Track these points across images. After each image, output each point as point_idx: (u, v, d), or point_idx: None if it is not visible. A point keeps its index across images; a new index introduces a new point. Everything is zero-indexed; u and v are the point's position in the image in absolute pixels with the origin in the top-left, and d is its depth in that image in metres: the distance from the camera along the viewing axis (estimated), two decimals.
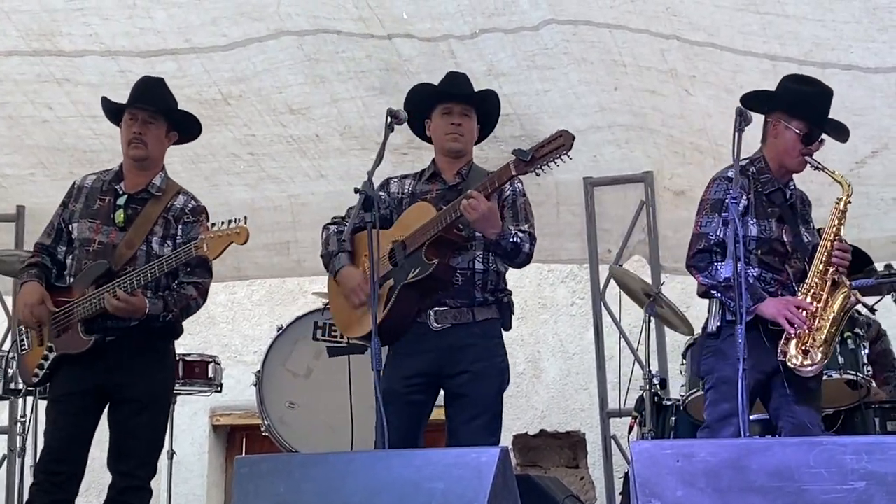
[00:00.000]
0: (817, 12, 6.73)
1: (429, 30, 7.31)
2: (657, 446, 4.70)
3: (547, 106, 7.85)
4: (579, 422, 10.21)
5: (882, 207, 8.28)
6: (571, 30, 7.28)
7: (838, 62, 7.01)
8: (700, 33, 6.99)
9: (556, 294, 10.77)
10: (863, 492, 3.98)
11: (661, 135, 8.28)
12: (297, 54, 7.68)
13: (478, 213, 5.54)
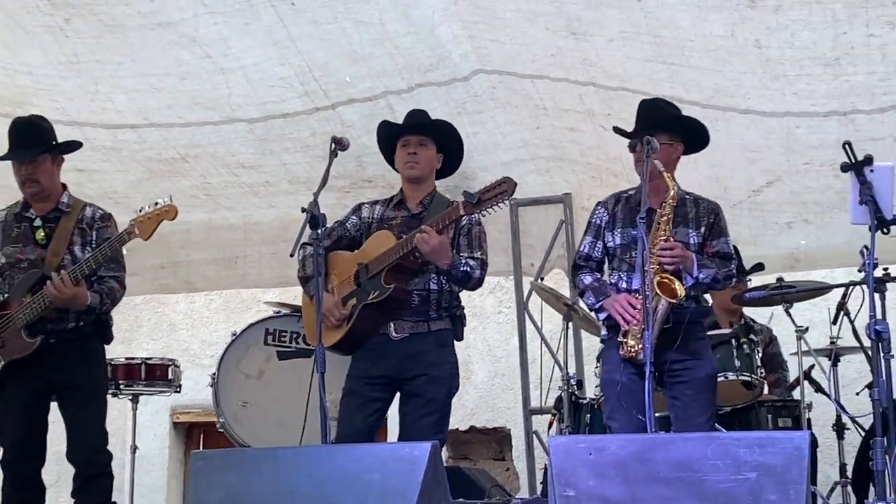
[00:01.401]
0: (718, 64, 6.87)
1: (369, 89, 7.41)
2: (572, 441, 4.80)
3: (477, 145, 7.92)
4: (505, 419, 10.22)
5: (776, 229, 8.43)
6: (498, 79, 7.41)
7: (737, 107, 7.16)
8: (614, 80, 7.09)
9: (484, 304, 10.75)
10: (755, 481, 4.07)
11: (579, 163, 8.37)
12: (248, 136, 7.89)
13: (429, 247, 5.71)
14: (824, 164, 7.50)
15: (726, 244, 6.03)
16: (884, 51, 6.63)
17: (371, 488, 4.20)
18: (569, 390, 7.58)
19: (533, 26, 6.90)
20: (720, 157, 7.59)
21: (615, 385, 5.80)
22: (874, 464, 5.05)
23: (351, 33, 6.98)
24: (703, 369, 5.79)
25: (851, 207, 5.39)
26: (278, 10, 6.73)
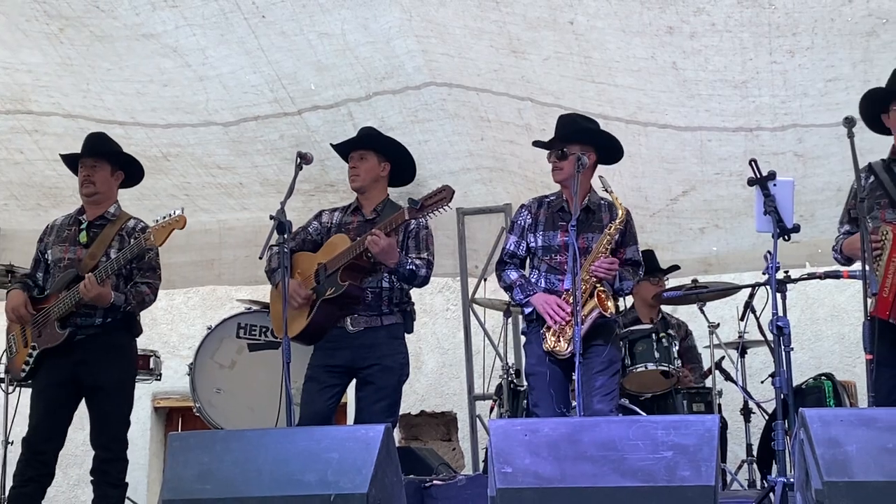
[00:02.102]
0: (640, 83, 6.92)
1: (332, 97, 7.38)
2: (510, 423, 4.76)
3: (427, 153, 7.91)
4: (452, 404, 10.23)
5: (690, 235, 8.46)
6: (447, 91, 7.40)
7: (657, 122, 7.20)
8: (549, 97, 7.11)
9: (434, 301, 10.80)
10: (670, 459, 4.07)
11: (517, 175, 8.36)
12: (223, 138, 7.84)
13: (379, 248, 5.72)
14: (733, 174, 7.56)
15: (636, 251, 6.03)
16: (785, 76, 6.71)
17: (330, 466, 4.18)
18: (508, 379, 7.63)
19: (479, 42, 6.91)
20: (642, 169, 7.64)
21: (539, 376, 5.84)
22: (776, 444, 5.10)
23: (316, 44, 6.94)
24: (602, 354, 5.75)
25: (757, 217, 5.41)
26: (250, 22, 6.71)
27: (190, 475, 4.25)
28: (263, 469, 4.21)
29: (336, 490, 4.09)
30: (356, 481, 4.11)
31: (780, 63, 6.65)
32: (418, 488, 5.95)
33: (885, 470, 3.93)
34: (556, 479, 4.12)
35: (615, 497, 4.07)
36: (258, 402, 7.37)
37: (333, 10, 6.69)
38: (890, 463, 3.95)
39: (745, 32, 6.44)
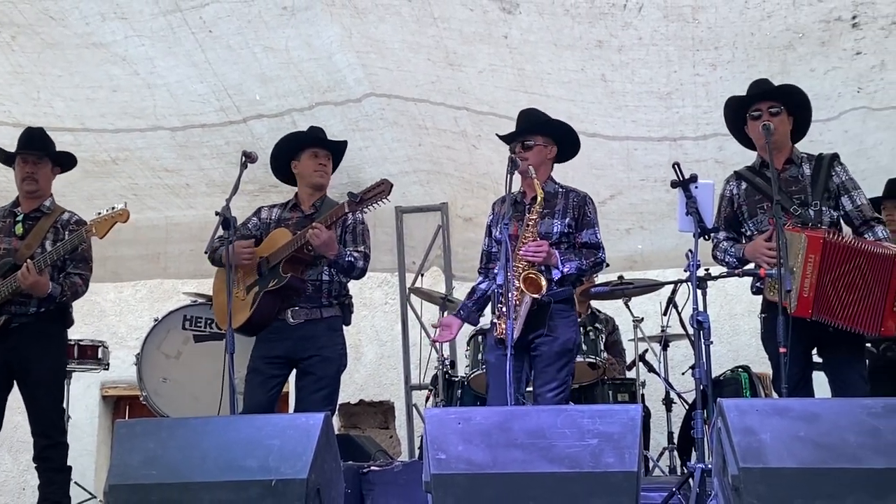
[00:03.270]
0: (570, 94, 6.96)
1: (276, 106, 7.35)
2: (444, 412, 4.75)
3: (367, 158, 7.91)
4: (390, 393, 10.21)
5: (617, 235, 8.48)
6: (386, 101, 7.40)
7: (586, 131, 7.15)
8: (484, 106, 7.12)
9: (373, 295, 10.78)
10: (596, 446, 4.06)
11: (454, 177, 8.37)
12: (171, 142, 7.77)
13: (319, 240, 5.72)
14: (657, 180, 7.61)
15: (594, 235, 5.90)
16: (707, 88, 6.77)
17: (272, 452, 4.14)
18: (443, 370, 7.62)
19: (416, 56, 6.90)
20: (572, 174, 7.58)
21: (489, 364, 5.85)
22: (695, 432, 5.13)
23: (261, 58, 6.92)
24: (554, 344, 5.69)
25: (679, 217, 5.45)
26: (197, 36, 6.67)
27: (136, 461, 4.19)
28: (207, 455, 4.16)
29: (277, 475, 4.06)
30: (296, 467, 4.08)
31: (702, 75, 6.71)
32: (356, 474, 5.91)
33: (797, 457, 3.96)
34: (488, 465, 4.10)
35: (543, 482, 4.06)
36: (203, 391, 7.33)
37: (278, 28, 6.68)
38: (801, 450, 3.97)
39: (670, 46, 6.48)
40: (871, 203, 6.79)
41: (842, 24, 6.24)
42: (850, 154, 6.93)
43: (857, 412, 4.08)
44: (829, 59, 6.53)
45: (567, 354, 5.74)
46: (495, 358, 5.67)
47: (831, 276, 5.30)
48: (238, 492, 4.07)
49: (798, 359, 5.38)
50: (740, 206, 5.76)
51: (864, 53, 6.48)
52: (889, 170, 7.31)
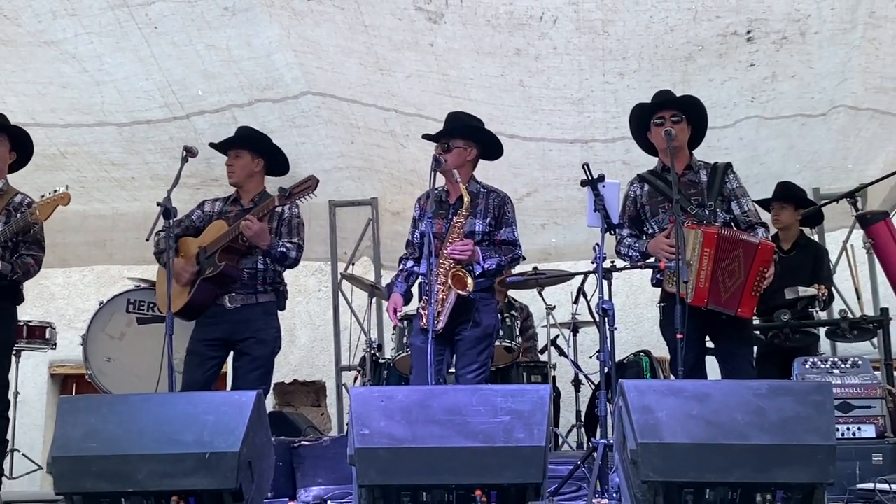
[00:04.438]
0: (491, 98, 6.99)
1: (217, 102, 7.26)
2: (369, 391, 4.75)
3: (303, 153, 7.83)
4: (322, 374, 10.20)
5: (533, 230, 8.54)
6: (322, 100, 7.34)
7: (505, 132, 7.19)
8: (412, 108, 7.10)
9: (308, 282, 10.77)
10: (508, 423, 4.08)
11: (383, 174, 8.36)
12: (118, 138, 7.65)
13: (252, 231, 5.72)
14: (570, 179, 7.64)
15: (511, 233, 5.92)
16: (615, 95, 6.83)
17: (206, 427, 4.11)
18: (371, 352, 7.59)
19: (349, 59, 6.88)
20: (492, 173, 7.59)
21: (416, 349, 5.83)
22: (599, 410, 5.17)
23: (203, 55, 6.84)
24: (476, 330, 5.73)
25: (588, 214, 5.49)
26: (143, 32, 6.57)
27: (77, 435, 4.14)
28: (145, 430, 4.12)
29: (211, 449, 4.04)
30: (229, 441, 4.06)
31: (611, 83, 6.77)
32: (288, 448, 5.91)
33: (690, 433, 4.01)
34: (408, 439, 4.11)
35: (458, 455, 4.07)
36: (145, 371, 7.25)
37: (220, 27, 6.62)
38: (694, 427, 4.03)
39: (583, 56, 6.53)
40: (762, 204, 6.98)
41: (737, 38, 6.34)
42: (744, 159, 7.07)
43: (744, 393, 4.15)
44: (725, 71, 6.62)
45: (487, 339, 5.79)
46: (420, 342, 5.68)
47: (721, 267, 5.42)
48: (174, 464, 4.04)
49: (693, 344, 5.48)
50: (643, 205, 5.84)
51: (757, 65, 6.59)
52: (779, 174, 7.45)
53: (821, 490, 4.01)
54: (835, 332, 6.92)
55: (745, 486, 3.97)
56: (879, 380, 5.55)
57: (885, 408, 5.27)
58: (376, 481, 4.08)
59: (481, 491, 4.03)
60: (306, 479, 5.78)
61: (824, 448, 3.98)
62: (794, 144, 7.51)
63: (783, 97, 6.96)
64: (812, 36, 6.34)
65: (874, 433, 5.17)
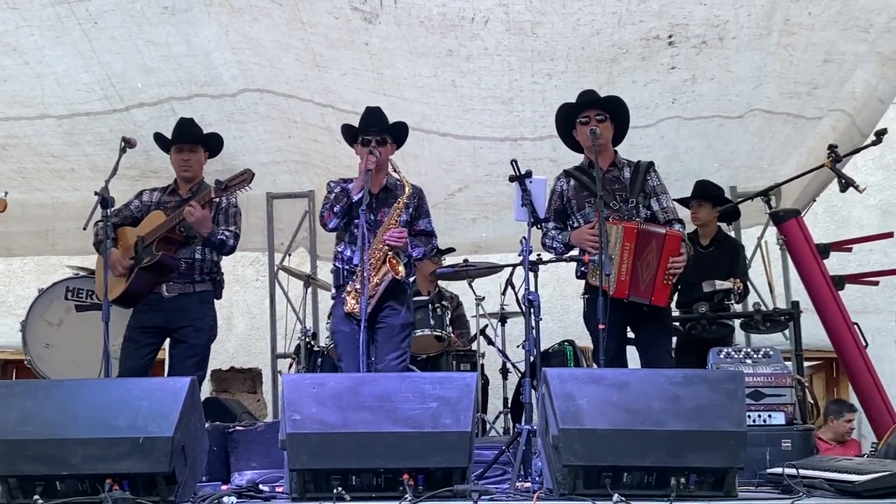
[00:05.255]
0: (424, 97, 6.97)
1: (156, 95, 7.13)
2: (301, 377, 4.72)
3: (241, 148, 7.75)
4: (258, 361, 10.08)
5: (464, 224, 8.57)
6: (259, 96, 7.25)
7: (438, 131, 7.25)
8: (347, 105, 7.01)
9: (245, 272, 10.71)
10: (435, 409, 4.11)
11: (320, 167, 8.28)
12: (57, 130, 7.49)
13: (194, 218, 5.72)
14: (500, 175, 7.63)
15: (429, 223, 6.00)
16: (544, 95, 6.85)
17: (140, 412, 4.07)
18: (305, 340, 7.54)
19: (286, 56, 6.81)
20: (425, 169, 7.66)
21: (342, 335, 5.78)
22: (524, 397, 5.20)
23: (143, 50, 6.72)
24: (398, 318, 5.76)
25: (515, 208, 5.52)
26: (84, 27, 6.44)
27: (13, 419, 4.07)
28: (80, 414, 4.07)
29: (145, 433, 4.00)
30: (163, 426, 4.02)
31: (540, 84, 6.79)
32: (222, 433, 5.84)
33: (609, 419, 4.06)
34: (339, 425, 4.11)
35: (387, 440, 4.08)
36: (82, 357, 7.14)
37: (159, 25, 6.52)
38: (613, 414, 4.07)
39: (512, 57, 6.54)
40: (682, 202, 7.06)
41: (659, 42, 6.39)
42: (665, 158, 7.13)
43: (661, 381, 4.20)
44: (648, 73, 6.67)
45: (409, 326, 5.88)
46: (348, 329, 5.67)
47: (640, 260, 5.50)
48: (108, 448, 4.00)
49: (615, 335, 5.54)
50: (569, 200, 5.89)
51: (678, 69, 6.65)
52: (698, 173, 7.53)
53: (732, 474, 4.08)
54: (749, 324, 7.02)
55: (661, 470, 4.03)
56: (790, 369, 5.64)
57: (794, 396, 5.35)
58: (307, 465, 4.08)
59: (409, 475, 4.04)
60: (240, 464, 5.72)
61: (736, 434, 4.05)
62: (712, 144, 7.59)
63: (702, 99, 7.03)
64: (730, 41, 6.41)
65: (784, 420, 5.25)
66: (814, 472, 4.36)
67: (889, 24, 6.35)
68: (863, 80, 6.90)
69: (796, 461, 4.62)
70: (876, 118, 7.05)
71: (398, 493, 4.00)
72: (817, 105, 7.12)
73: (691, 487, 4.02)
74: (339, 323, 5.82)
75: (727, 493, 4.05)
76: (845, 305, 6.44)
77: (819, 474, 4.31)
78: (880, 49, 6.60)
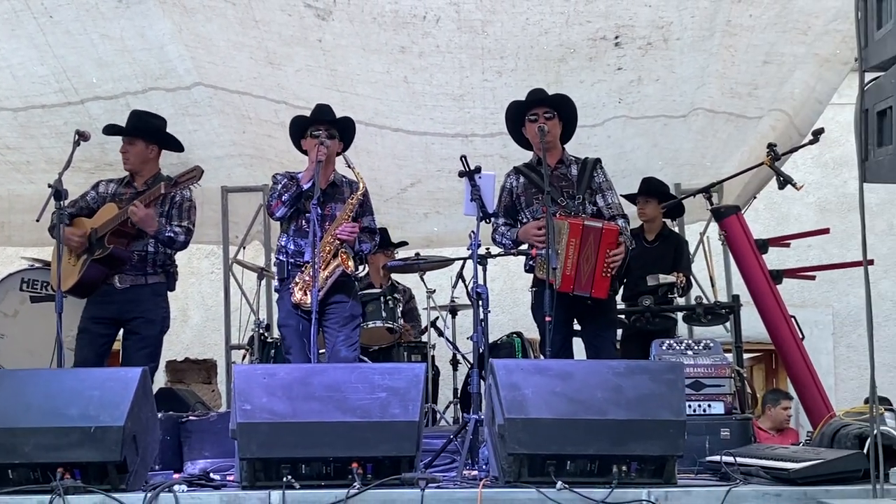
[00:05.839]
0: (377, 93, 6.95)
1: (111, 89, 7.04)
2: (252, 368, 4.76)
3: (197, 140, 7.62)
4: (213, 352, 10.00)
5: (416, 218, 8.53)
6: (213, 91, 7.18)
7: (391, 126, 7.22)
8: (301, 101, 6.92)
9: (200, 265, 10.63)
10: (384, 399, 4.13)
11: (274, 162, 8.20)
12: (13, 122, 7.37)
13: (138, 217, 5.67)
14: (451, 171, 7.52)
15: (373, 220, 6.03)
16: (494, 92, 6.86)
17: (92, 402, 4.05)
18: (259, 332, 7.48)
19: (240, 54, 6.75)
20: (378, 164, 7.64)
21: (289, 327, 5.76)
22: (471, 387, 5.21)
23: (98, 44, 6.63)
24: (346, 308, 5.78)
25: (465, 203, 5.55)
26: (39, 21, 6.36)
27: None
28: (32, 404, 4.05)
29: (96, 423, 3.98)
30: (114, 415, 4.00)
31: (490, 81, 6.80)
32: (175, 423, 5.82)
33: (553, 409, 4.09)
34: (289, 414, 4.11)
35: (337, 430, 4.08)
36: (37, 347, 7.01)
37: (113, 19, 6.45)
38: (557, 403, 4.11)
39: (463, 54, 6.55)
40: (629, 198, 7.11)
41: (606, 43, 6.42)
42: (611, 156, 7.16)
43: (604, 372, 4.24)
44: (595, 73, 6.71)
45: (358, 316, 5.93)
46: (295, 323, 5.68)
47: (583, 255, 5.55)
48: (60, 437, 3.98)
49: (561, 327, 5.57)
50: (518, 196, 5.92)
51: (624, 69, 6.69)
52: (644, 170, 7.58)
53: (672, 462, 4.12)
54: (691, 317, 7.08)
55: (603, 459, 4.06)
56: (729, 361, 5.70)
57: (733, 386, 5.41)
58: (257, 454, 4.07)
59: (358, 463, 4.04)
60: (193, 453, 5.70)
61: (675, 423, 4.10)
62: (657, 143, 7.64)
63: (648, 99, 7.08)
64: (674, 42, 6.46)
65: (723, 410, 5.31)
66: (751, 460, 4.42)
67: (827, 27, 6.43)
68: (801, 80, 6.99)
69: (734, 449, 4.68)
70: (814, 118, 7.14)
71: (347, 482, 3.99)
72: (758, 105, 7.20)
73: (632, 475, 4.06)
74: (286, 317, 5.80)
75: (667, 480, 4.09)
76: (783, 299, 6.52)
77: (756, 462, 4.37)
78: (818, 51, 6.69)
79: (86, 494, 3.92)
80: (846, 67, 6.71)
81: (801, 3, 6.27)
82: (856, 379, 10.01)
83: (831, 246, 9.71)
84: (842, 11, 6.17)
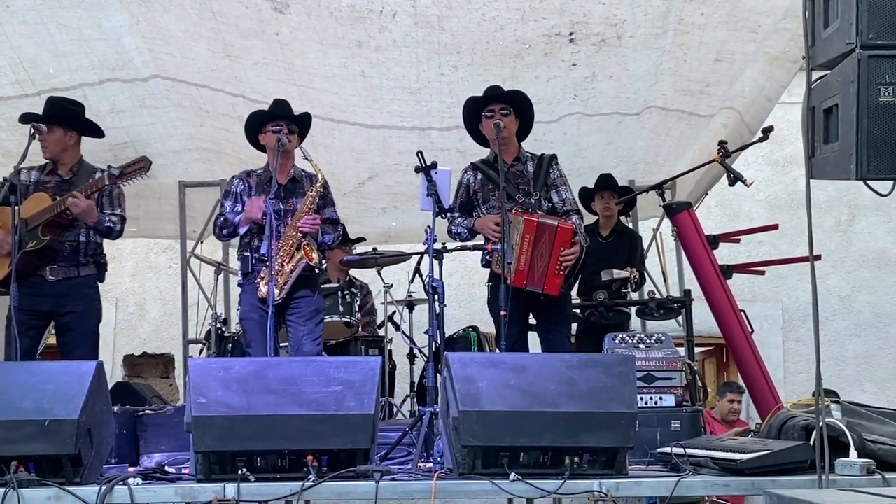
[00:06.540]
0: (334, 87, 6.91)
1: (68, 80, 6.90)
2: (207, 361, 4.74)
3: (153, 134, 7.57)
4: (170, 346, 9.92)
5: (374, 212, 8.50)
6: (171, 84, 7.09)
7: (348, 120, 7.18)
8: (258, 95, 6.85)
9: (158, 259, 10.54)
10: (339, 392, 4.14)
11: (232, 156, 8.14)
12: None
13: (79, 209, 5.56)
14: (409, 164, 7.49)
15: (334, 212, 6.01)
16: (451, 86, 6.85)
17: (46, 395, 4.03)
18: (216, 326, 7.46)
19: (197, 45, 6.68)
20: (335, 158, 7.60)
21: (251, 321, 5.73)
22: (427, 381, 5.22)
23: (55, 34, 6.53)
24: (311, 304, 5.77)
25: (421, 198, 5.57)
26: None
27: None
28: None
29: (50, 416, 3.95)
30: (69, 409, 3.98)
31: (447, 75, 6.79)
32: (131, 416, 5.75)
33: (507, 401, 4.11)
34: (244, 408, 4.10)
35: (292, 423, 4.08)
36: None
37: (71, 8, 6.34)
38: (510, 396, 4.13)
39: (420, 49, 6.53)
40: (584, 193, 7.15)
41: (561, 39, 6.44)
42: (567, 153, 7.18)
43: (557, 365, 4.27)
44: (550, 69, 6.72)
45: (322, 311, 5.91)
46: (258, 317, 5.63)
47: (537, 251, 5.59)
48: (14, 430, 3.95)
49: (516, 321, 5.60)
50: (475, 192, 5.95)
51: (579, 65, 6.71)
52: (599, 167, 7.63)
53: (623, 453, 4.16)
54: (644, 311, 7.14)
55: (556, 450, 4.10)
56: (681, 354, 5.74)
57: (684, 379, 5.46)
58: (212, 447, 4.06)
59: (313, 456, 4.04)
60: (149, 446, 5.65)
61: (626, 415, 4.13)
62: (612, 140, 7.68)
63: (602, 96, 7.10)
64: (628, 40, 6.49)
65: (674, 402, 5.35)
66: (701, 452, 4.47)
67: (776, 26, 6.49)
68: (751, 79, 7.05)
69: (684, 441, 4.73)
70: (763, 116, 7.21)
71: (302, 474, 4.00)
72: (709, 103, 7.25)
73: (584, 466, 4.10)
74: (250, 311, 5.76)
75: (618, 471, 4.13)
76: (733, 294, 6.58)
77: (705, 453, 4.41)
78: (768, 49, 6.75)
79: (40, 488, 3.90)
80: (795, 66, 6.77)
81: (751, 2, 6.32)
82: (805, 372, 10.13)
83: (781, 242, 9.83)
84: (790, 10, 6.22)
